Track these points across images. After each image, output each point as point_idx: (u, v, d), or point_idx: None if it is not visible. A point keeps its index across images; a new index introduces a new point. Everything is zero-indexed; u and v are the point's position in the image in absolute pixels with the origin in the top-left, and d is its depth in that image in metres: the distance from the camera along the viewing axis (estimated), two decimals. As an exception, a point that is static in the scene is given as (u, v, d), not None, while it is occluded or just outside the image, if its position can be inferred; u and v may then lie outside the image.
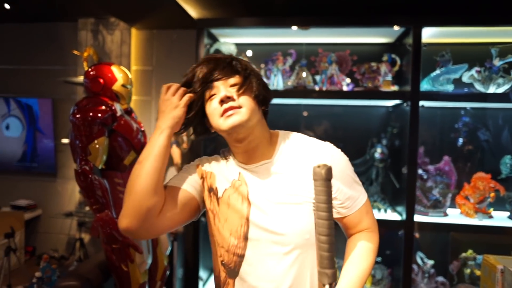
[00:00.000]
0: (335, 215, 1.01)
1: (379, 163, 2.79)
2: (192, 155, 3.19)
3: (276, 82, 2.81)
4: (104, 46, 3.32)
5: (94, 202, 1.62)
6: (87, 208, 3.25)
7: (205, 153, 2.88)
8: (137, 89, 3.41)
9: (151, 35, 3.39)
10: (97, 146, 1.69)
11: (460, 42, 2.79)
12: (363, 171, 2.85)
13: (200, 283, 2.79)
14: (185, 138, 3.09)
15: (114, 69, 1.88)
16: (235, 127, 0.93)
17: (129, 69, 3.34)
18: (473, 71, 2.56)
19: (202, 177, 1.05)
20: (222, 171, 1.05)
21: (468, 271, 2.60)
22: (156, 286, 1.98)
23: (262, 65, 2.92)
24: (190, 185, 1.03)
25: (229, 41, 3.12)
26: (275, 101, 3.04)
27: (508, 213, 2.66)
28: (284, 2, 2.68)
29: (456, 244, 2.78)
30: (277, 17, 2.75)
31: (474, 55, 2.66)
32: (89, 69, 1.86)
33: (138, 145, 1.89)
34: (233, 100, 0.94)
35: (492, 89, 2.52)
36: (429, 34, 2.64)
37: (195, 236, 2.77)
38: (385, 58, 2.75)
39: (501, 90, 2.52)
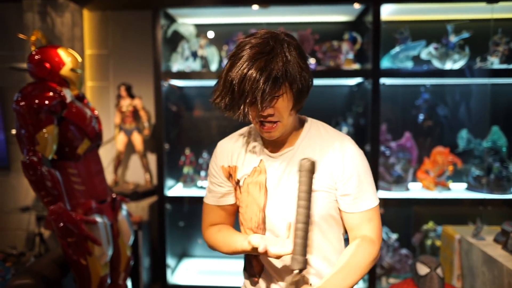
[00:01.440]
0: (341, 209, 1.04)
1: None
2: (154, 142, 3.09)
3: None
4: (53, 29, 3.10)
5: (45, 194, 1.52)
6: (46, 202, 3.09)
7: (167, 139, 2.79)
8: (93, 74, 3.23)
9: (105, 17, 3.20)
10: (46, 135, 1.57)
11: (418, 20, 2.82)
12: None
13: (169, 271, 2.75)
14: (146, 124, 2.97)
15: (61, 52, 1.74)
16: (275, 139, 1.02)
17: (83, 53, 3.15)
18: (430, 48, 2.61)
19: (228, 176, 1.12)
20: (244, 159, 1.09)
21: (429, 242, 2.70)
22: (120, 277, 1.91)
23: (225, 47, 2.83)
24: (223, 198, 1.14)
25: (188, 21, 3.01)
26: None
27: (465, 185, 2.77)
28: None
29: (418, 217, 2.89)
30: (236, -4, 2.66)
31: (431, 32, 2.70)
32: (33, 53, 1.71)
33: (92, 133, 1.78)
34: (271, 115, 0.95)
35: (448, 65, 2.58)
36: (389, 12, 2.65)
37: (161, 224, 2.70)
38: (346, 36, 2.74)
39: (457, 65, 2.58)
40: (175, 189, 2.89)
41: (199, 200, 2.87)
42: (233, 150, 1.11)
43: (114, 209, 1.88)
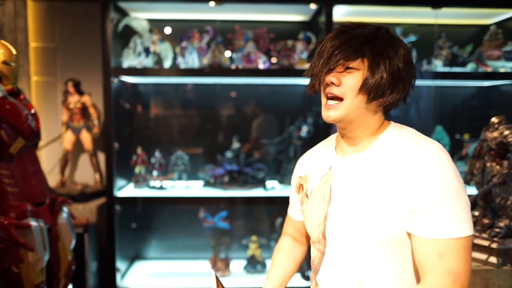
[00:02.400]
0: (415, 233, 0.81)
1: (297, 141, 2.84)
2: (104, 140, 2.97)
3: (192, 60, 2.68)
4: (-7, 18, 2.90)
5: (-30, 198, 1.41)
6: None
7: (118, 138, 2.69)
8: (40, 69, 3.05)
9: (51, 7, 3.03)
10: (-27, 133, 1.46)
11: (369, 22, 2.89)
12: (282, 150, 2.88)
13: (118, 275, 2.65)
14: (96, 122, 2.85)
15: (-7, 44, 1.62)
16: (331, 121, 0.90)
17: (27, 45, 2.97)
18: (380, 50, 2.68)
19: (299, 188, 1.07)
20: (317, 169, 1.02)
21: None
22: (60, 284, 1.81)
23: (184, 44, 2.76)
24: (292, 209, 1.15)
25: (141, 16, 2.91)
26: (191, 80, 2.94)
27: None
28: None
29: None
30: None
31: (381, 34, 2.78)
32: (-40, 44, 1.59)
33: (27, 131, 1.67)
34: (337, 86, 0.86)
35: (397, 67, 2.67)
36: (341, 13, 2.70)
37: (110, 225, 2.60)
38: (301, 36, 2.76)
39: (405, 68, 2.68)
40: (126, 190, 2.80)
41: (151, 201, 2.81)
42: (309, 160, 1.08)
43: (53, 211, 1.78)
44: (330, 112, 0.88)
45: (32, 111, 1.77)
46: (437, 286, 0.76)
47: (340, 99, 0.87)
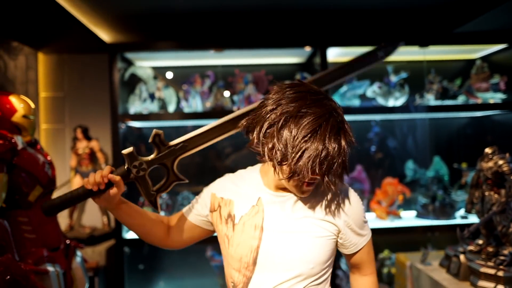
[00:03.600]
0: (343, 252, 1.09)
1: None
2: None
3: (195, 104, 2.82)
4: (6, 72, 3.05)
5: (-8, 246, 1.46)
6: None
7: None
8: (49, 117, 3.18)
9: (61, 60, 3.21)
10: (-6, 183, 1.54)
11: (362, 61, 3.07)
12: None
13: (127, 319, 2.64)
14: (103, 166, 2.93)
15: (13, 99, 1.73)
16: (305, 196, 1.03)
17: (37, 95, 3.11)
18: (374, 87, 2.83)
19: (218, 207, 1.12)
20: (242, 196, 1.09)
21: (386, 270, 2.80)
22: (74, 330, 1.82)
23: (185, 86, 2.91)
24: (195, 216, 1.17)
25: (145, 64, 3.08)
26: (195, 122, 3.06)
27: (415, 213, 2.94)
28: (198, 25, 2.73)
29: (374, 246, 2.98)
30: (193, 41, 2.78)
31: (374, 73, 2.94)
32: (-17, 100, 1.70)
33: (44, 179, 1.75)
34: (316, 179, 0.97)
35: (391, 102, 2.80)
36: (335, 54, 2.87)
37: (119, 267, 2.62)
38: (297, 76, 2.92)
39: (399, 102, 2.81)
40: (134, 231, 2.83)
41: (159, 241, 2.84)
42: (232, 185, 1.12)
43: (67, 256, 1.82)
44: (307, 193, 1.01)
45: (49, 159, 1.86)
46: (372, 269, 1.12)
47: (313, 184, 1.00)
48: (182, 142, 1.13)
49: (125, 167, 1.09)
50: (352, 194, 1.07)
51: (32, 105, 1.81)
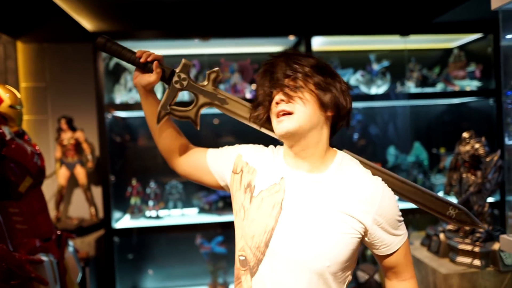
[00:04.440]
0: (379, 253, 0.97)
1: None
2: (98, 175, 3.02)
3: (181, 94, 2.82)
4: (-16, 62, 2.97)
5: (-16, 237, 1.46)
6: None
7: (112, 171, 2.76)
8: (30, 108, 3.12)
9: (41, 49, 3.13)
10: (-16, 175, 1.53)
11: (346, 50, 3.13)
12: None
13: (119, 307, 2.66)
14: (89, 157, 2.91)
15: (-1, 89, 1.71)
16: (283, 134, 0.92)
17: (18, 86, 3.04)
18: (357, 75, 2.90)
19: (240, 170, 1.06)
20: (266, 170, 1.02)
21: (369, 252, 2.91)
22: (68, 318, 1.84)
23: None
24: (214, 162, 1.12)
25: (130, 53, 3.05)
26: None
27: (397, 196, 3.05)
28: (183, 14, 2.72)
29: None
30: (177, 30, 2.78)
31: (357, 61, 3.01)
32: (-33, 91, 1.67)
33: (34, 169, 1.74)
34: (286, 102, 0.91)
35: (374, 90, 2.89)
36: (319, 43, 2.92)
37: (110, 258, 2.64)
38: (283, 65, 2.95)
39: (381, 90, 2.90)
40: (122, 221, 2.84)
41: (148, 231, 2.86)
42: (259, 154, 1.07)
43: (59, 246, 1.83)
44: (283, 123, 0.91)
45: (37, 149, 1.85)
46: (411, 273, 1.01)
47: (290, 114, 0.92)
48: (225, 97, 1.13)
49: (174, 69, 1.13)
50: (385, 189, 0.94)
51: (18, 95, 1.79)
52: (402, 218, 0.96)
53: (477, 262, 1.76)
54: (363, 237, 0.93)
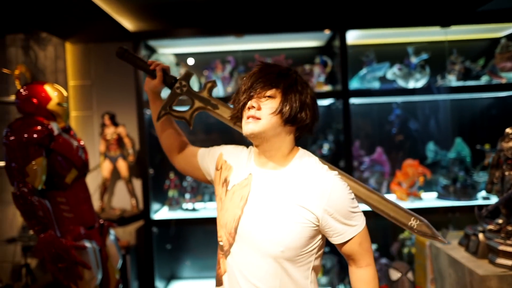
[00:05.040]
0: (333, 242, 1.07)
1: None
2: (139, 168, 3.18)
3: (216, 89, 2.89)
4: (37, 62, 3.20)
5: (35, 223, 1.60)
6: (32, 232, 3.11)
7: (152, 164, 2.89)
8: (77, 104, 3.33)
9: (87, 49, 3.33)
10: (35, 167, 1.66)
11: (382, 43, 3.05)
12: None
13: (157, 294, 2.80)
14: (131, 151, 3.07)
15: (48, 88, 1.85)
16: (249, 135, 1.05)
17: (66, 84, 3.25)
18: (394, 69, 2.82)
19: (220, 167, 1.23)
20: (240, 167, 1.18)
21: (406, 250, 2.84)
22: (110, 302, 1.97)
23: (206, 72, 2.98)
24: (202, 160, 1.30)
25: (168, 51, 3.16)
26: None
27: (435, 194, 2.95)
28: (219, 11, 2.77)
29: (395, 227, 3.03)
30: (213, 27, 2.84)
31: (394, 54, 2.92)
32: (21, 90, 1.82)
33: (79, 162, 1.87)
34: (257, 109, 1.03)
35: (411, 84, 2.79)
36: (355, 36, 2.86)
37: (149, 247, 2.77)
38: (317, 60, 2.93)
39: (419, 84, 2.80)
40: (161, 213, 2.97)
41: (185, 222, 2.97)
42: (236, 154, 1.23)
43: (102, 234, 1.96)
44: (249, 125, 1.04)
45: (82, 144, 1.98)
46: (368, 261, 1.08)
47: (258, 119, 1.04)
48: (217, 103, 1.32)
49: (177, 77, 1.33)
50: (337, 182, 1.04)
51: (65, 93, 1.93)
52: (357, 210, 1.06)
53: (519, 264, 1.67)
54: (318, 226, 1.04)
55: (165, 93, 1.32)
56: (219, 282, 1.16)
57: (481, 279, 1.65)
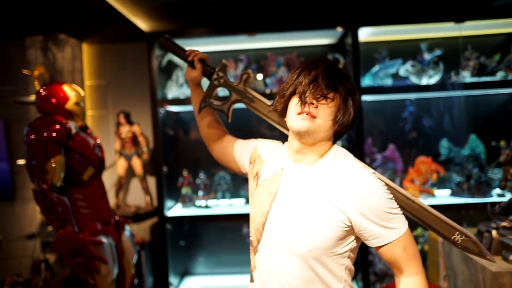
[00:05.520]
0: (370, 245, 1.00)
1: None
2: (153, 165, 3.24)
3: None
4: (55, 63, 3.29)
5: (54, 219, 1.66)
6: (51, 228, 3.21)
7: (166, 162, 2.94)
8: (93, 104, 3.41)
9: (103, 49, 3.41)
10: (54, 164, 1.73)
11: (394, 40, 3.03)
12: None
13: (171, 289, 2.85)
14: (145, 149, 3.13)
15: (66, 88, 1.91)
16: (303, 131, 1.00)
17: (82, 84, 3.34)
18: (407, 65, 2.80)
19: (253, 161, 1.22)
20: (272, 161, 1.16)
21: (419, 247, 2.83)
22: (126, 295, 2.03)
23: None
24: (238, 152, 1.30)
25: (181, 51, 3.20)
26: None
27: (449, 191, 2.92)
28: (231, 11, 2.80)
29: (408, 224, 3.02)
30: (226, 26, 2.87)
31: (407, 51, 2.90)
32: (41, 90, 1.88)
33: (95, 160, 1.93)
34: (315, 108, 1.00)
35: (425, 80, 2.77)
36: (367, 33, 2.85)
37: (163, 243, 2.83)
38: (329, 58, 2.93)
39: (433, 80, 2.77)
40: (174, 210, 3.02)
41: (198, 219, 3.02)
42: (270, 148, 1.21)
43: (117, 230, 2.02)
44: (305, 122, 0.99)
45: (98, 142, 2.04)
46: (416, 269, 0.99)
47: (314, 118, 1.00)
48: (254, 97, 1.31)
49: (215, 68, 1.33)
50: (371, 181, 0.98)
51: (82, 93, 1.99)
52: (396, 211, 0.98)
53: (533, 261, 1.65)
54: (350, 227, 0.98)
55: (205, 82, 1.35)
56: (251, 279, 1.14)
57: (494, 275, 1.64)
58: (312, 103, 0.99)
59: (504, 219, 1.92)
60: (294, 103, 1.03)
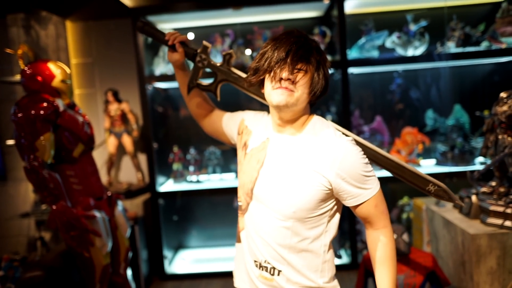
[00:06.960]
0: (347, 204, 1.10)
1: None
2: (144, 142, 3.26)
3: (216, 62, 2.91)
4: (38, 41, 3.23)
5: (47, 194, 1.69)
6: (44, 207, 3.24)
7: (156, 139, 2.97)
8: (80, 82, 3.38)
9: (87, 27, 3.35)
10: (43, 142, 1.74)
11: (380, 11, 3.03)
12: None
13: (166, 262, 2.94)
14: (134, 126, 3.14)
15: (51, 65, 1.90)
16: (281, 106, 1.05)
17: (68, 62, 3.30)
18: (393, 37, 2.81)
19: (241, 132, 1.28)
20: (259, 131, 1.23)
21: (405, 215, 2.93)
22: (121, 267, 2.09)
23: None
24: (227, 125, 1.36)
25: (167, 26, 3.17)
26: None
27: (434, 161, 3.00)
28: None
29: (394, 193, 3.12)
30: (211, 0, 2.83)
31: (393, 22, 2.91)
32: (26, 68, 1.87)
33: (85, 137, 1.95)
34: (291, 83, 1.03)
35: (410, 52, 2.79)
36: (353, 5, 2.84)
37: (156, 218, 2.89)
38: (316, 31, 2.93)
39: (418, 52, 2.80)
40: (166, 185, 3.07)
41: (190, 194, 3.08)
42: (256, 119, 1.28)
43: (110, 205, 2.06)
44: (283, 96, 1.04)
45: (87, 119, 2.05)
46: (384, 223, 1.11)
47: (292, 92, 1.04)
48: (239, 76, 1.33)
49: (197, 50, 1.33)
50: (350, 147, 1.06)
51: (68, 70, 1.98)
52: (370, 174, 1.07)
53: (508, 223, 1.74)
54: (331, 190, 1.07)
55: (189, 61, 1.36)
56: (238, 239, 1.25)
57: (472, 237, 1.72)
58: (289, 79, 1.03)
59: (484, 185, 2.01)
60: (270, 77, 1.06)
